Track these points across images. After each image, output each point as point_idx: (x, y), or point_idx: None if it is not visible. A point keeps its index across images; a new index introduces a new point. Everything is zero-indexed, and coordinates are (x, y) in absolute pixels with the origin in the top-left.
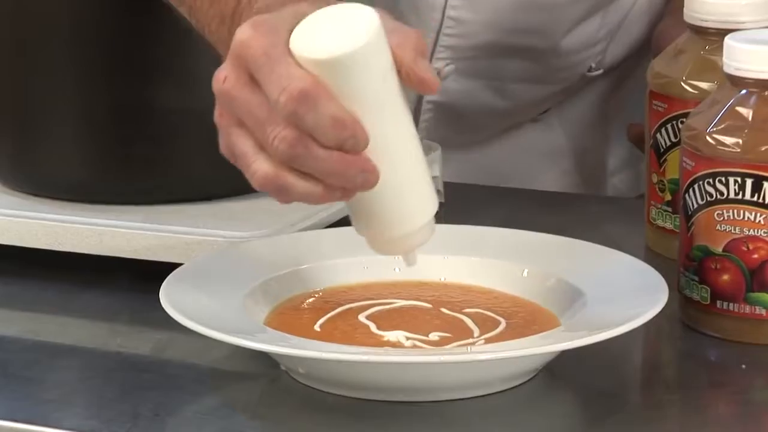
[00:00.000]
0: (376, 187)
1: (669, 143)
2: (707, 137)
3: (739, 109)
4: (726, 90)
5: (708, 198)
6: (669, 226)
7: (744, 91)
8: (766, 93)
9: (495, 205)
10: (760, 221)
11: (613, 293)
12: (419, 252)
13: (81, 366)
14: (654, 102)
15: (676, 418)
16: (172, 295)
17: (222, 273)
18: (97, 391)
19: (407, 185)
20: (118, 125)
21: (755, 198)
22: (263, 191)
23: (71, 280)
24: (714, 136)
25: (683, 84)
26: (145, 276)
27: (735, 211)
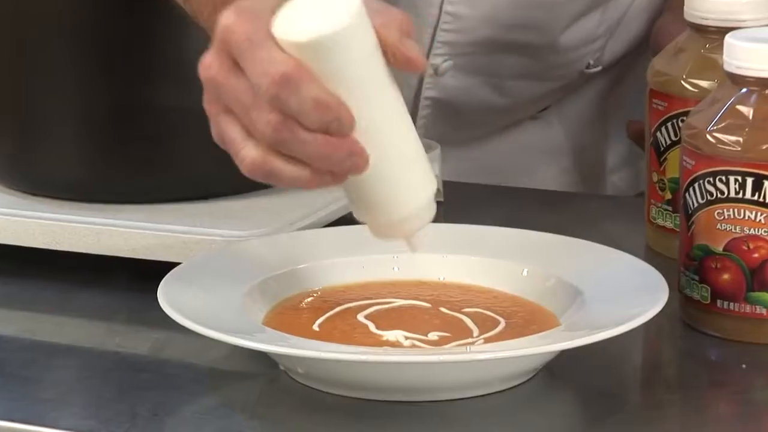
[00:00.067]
0: (367, 171)
1: (669, 142)
2: (707, 136)
3: (740, 108)
4: (726, 88)
5: (708, 197)
6: (669, 225)
7: (744, 90)
8: (766, 91)
9: (494, 204)
10: (760, 220)
11: (613, 293)
12: (417, 252)
13: (79, 365)
14: (654, 100)
15: (676, 417)
16: (170, 295)
17: (220, 272)
18: (95, 391)
19: (399, 167)
20: (116, 124)
21: (756, 197)
22: (253, 177)
23: (69, 279)
24: (714, 134)
25: (683, 82)
26: (143, 275)
27: (735, 210)
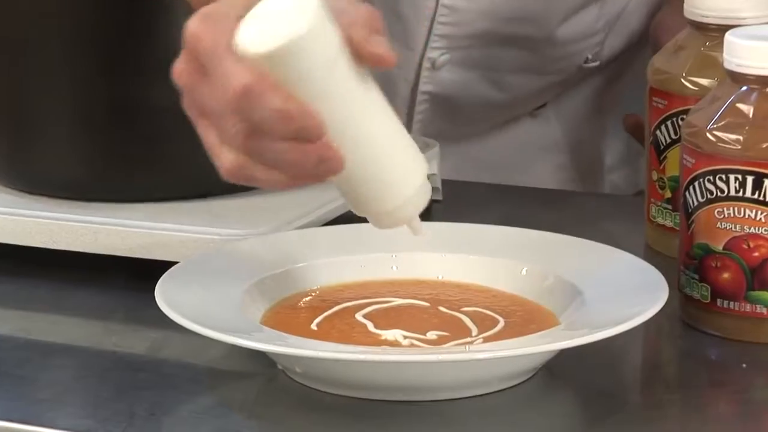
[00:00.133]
0: (350, 169)
1: (669, 140)
2: (708, 134)
3: (740, 106)
4: (726, 86)
5: (708, 195)
6: (669, 223)
7: (745, 88)
8: (766, 90)
9: (493, 203)
10: (760, 219)
11: (613, 292)
12: (416, 251)
13: (75, 365)
14: (654, 99)
15: (676, 417)
16: (167, 294)
17: (218, 271)
18: (92, 391)
19: (383, 161)
20: (113, 123)
21: (756, 195)
22: (233, 181)
23: (65, 278)
24: (714, 133)
25: (683, 80)
26: (141, 274)
27: (735, 209)
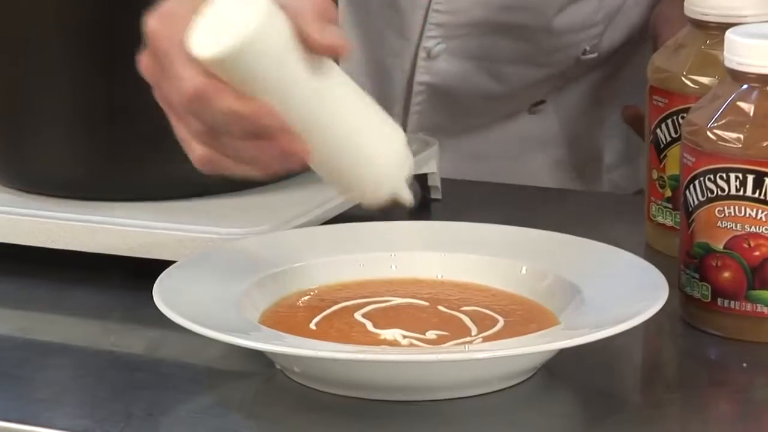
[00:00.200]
0: (322, 155)
1: (669, 139)
2: (708, 133)
3: (741, 105)
4: (727, 85)
5: (709, 194)
6: (669, 222)
7: (745, 86)
8: (767, 88)
9: (493, 202)
10: (761, 218)
11: (613, 291)
12: (415, 250)
13: (73, 365)
14: (654, 97)
15: (676, 417)
16: (165, 293)
17: (216, 270)
18: (90, 390)
19: (353, 143)
20: (111, 121)
21: (757, 194)
22: (208, 173)
23: (63, 277)
24: (715, 131)
25: (684, 79)
26: (139, 273)
27: (736, 208)
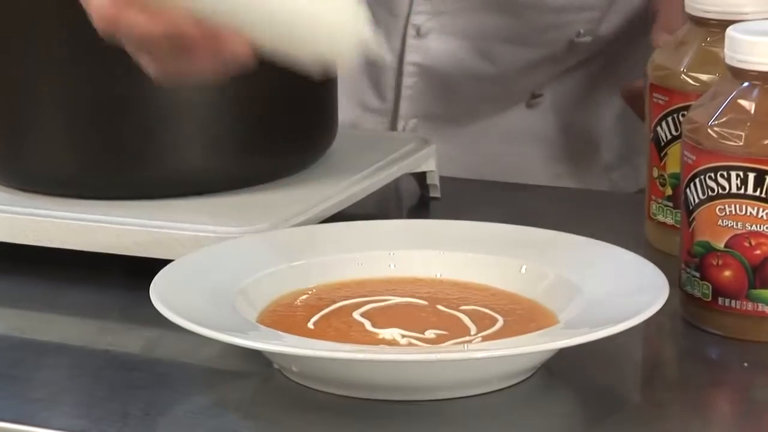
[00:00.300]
0: (264, 34)
1: (670, 137)
2: (709, 131)
3: (741, 102)
4: (728, 82)
5: (709, 193)
6: (670, 221)
7: (746, 84)
8: None
9: (492, 200)
10: (762, 216)
11: (613, 290)
12: (414, 249)
13: (69, 364)
14: (654, 95)
15: (676, 417)
16: (162, 292)
17: (214, 269)
18: (86, 390)
19: (295, 16)
20: (107, 120)
21: (758, 193)
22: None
23: (59, 276)
24: (715, 129)
25: (684, 76)
26: (136, 272)
27: (737, 206)
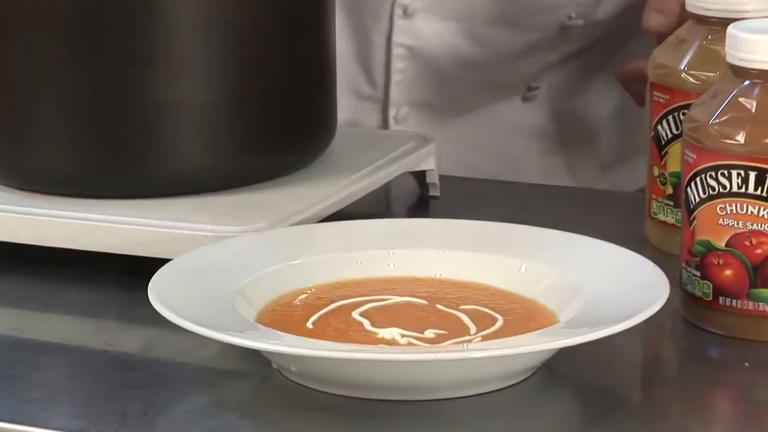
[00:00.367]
0: None
1: (670, 135)
2: (709, 129)
3: (742, 101)
4: (729, 81)
5: (710, 191)
6: (670, 220)
7: (747, 82)
8: None
9: (492, 199)
10: (763, 215)
11: (613, 289)
12: (413, 248)
13: (68, 364)
14: (655, 93)
15: (677, 416)
16: (161, 292)
17: (212, 269)
18: (85, 390)
19: None
20: (105, 118)
21: (759, 191)
22: None
23: (57, 275)
24: (716, 128)
25: (685, 75)
26: (134, 271)
27: (738, 205)
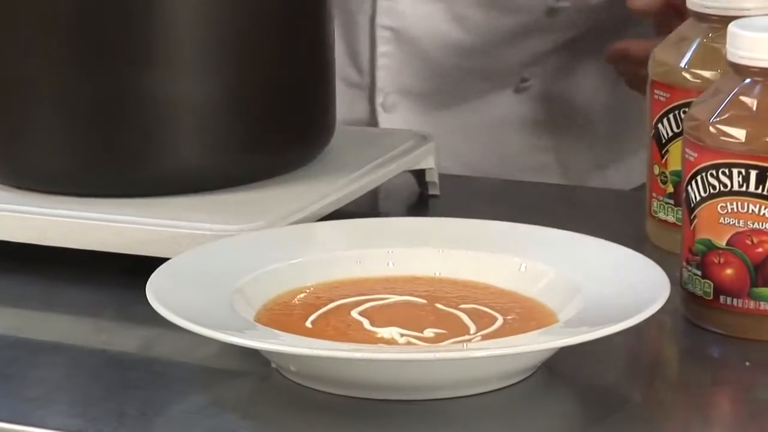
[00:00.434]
0: None
1: (671, 134)
2: (710, 128)
3: (743, 99)
4: (729, 79)
5: (711, 190)
6: (671, 219)
7: (748, 80)
8: None
9: (491, 198)
10: (764, 214)
11: (613, 288)
12: (413, 247)
13: (65, 363)
14: (655, 91)
15: (677, 416)
16: (159, 291)
17: (211, 268)
18: (82, 390)
19: None
20: (104, 117)
21: (759, 190)
22: None
23: (55, 274)
24: (717, 126)
25: (685, 73)
26: (132, 270)
27: (739, 204)
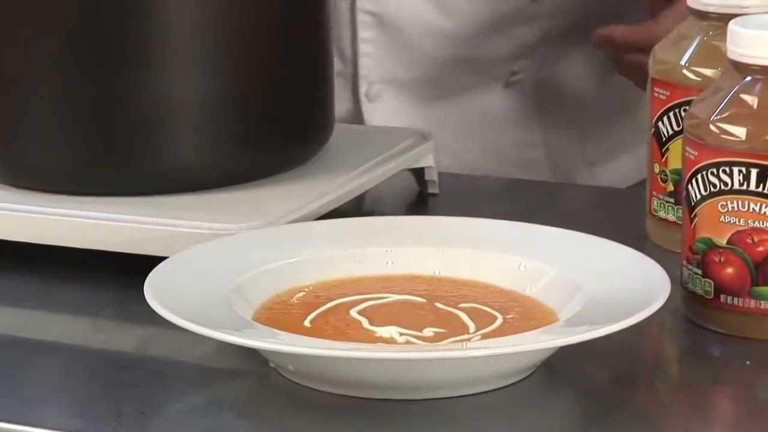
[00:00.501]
0: None
1: (671, 132)
2: (711, 126)
3: (744, 97)
4: (730, 77)
5: (711, 189)
6: (671, 217)
7: (749, 78)
8: None
9: (491, 197)
10: (765, 213)
11: (613, 287)
12: (412, 246)
13: (63, 362)
14: (656, 89)
15: (678, 415)
16: (157, 290)
17: (209, 266)
18: (80, 389)
19: None
20: (102, 116)
21: (760, 189)
22: None
23: (52, 273)
24: (718, 124)
25: (686, 71)
26: (130, 269)
27: (739, 203)
